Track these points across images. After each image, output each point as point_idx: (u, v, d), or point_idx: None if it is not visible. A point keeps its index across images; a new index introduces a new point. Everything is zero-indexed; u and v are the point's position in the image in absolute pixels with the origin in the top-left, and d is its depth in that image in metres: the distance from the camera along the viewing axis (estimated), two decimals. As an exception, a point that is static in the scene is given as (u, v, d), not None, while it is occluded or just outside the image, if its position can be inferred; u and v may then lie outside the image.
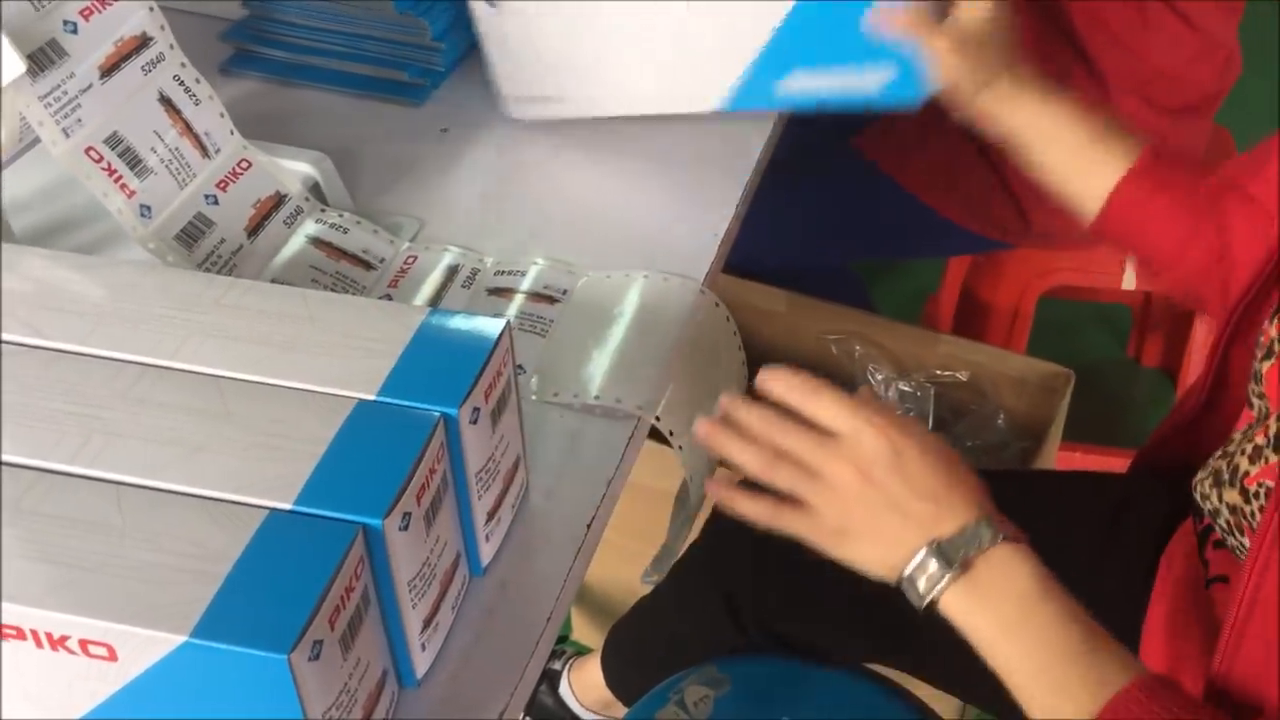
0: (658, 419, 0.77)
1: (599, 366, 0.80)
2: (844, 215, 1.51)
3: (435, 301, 0.85)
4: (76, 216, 0.90)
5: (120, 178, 0.79)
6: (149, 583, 0.52)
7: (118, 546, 0.53)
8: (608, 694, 1.30)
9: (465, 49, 1.13)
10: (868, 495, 0.67)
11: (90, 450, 0.58)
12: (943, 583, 0.65)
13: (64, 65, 0.76)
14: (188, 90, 0.84)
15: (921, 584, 0.66)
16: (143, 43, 0.81)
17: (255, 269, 0.84)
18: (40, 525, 0.54)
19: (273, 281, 0.83)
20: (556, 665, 1.39)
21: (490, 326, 0.64)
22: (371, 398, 0.60)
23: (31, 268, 0.68)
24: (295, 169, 0.92)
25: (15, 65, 0.71)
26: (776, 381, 0.70)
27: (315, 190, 0.92)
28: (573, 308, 0.85)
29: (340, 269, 0.86)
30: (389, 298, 0.85)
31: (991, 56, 0.86)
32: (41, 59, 0.75)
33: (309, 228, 0.88)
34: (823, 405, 0.69)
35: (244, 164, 0.87)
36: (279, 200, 0.88)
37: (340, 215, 0.90)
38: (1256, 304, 0.77)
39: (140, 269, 0.69)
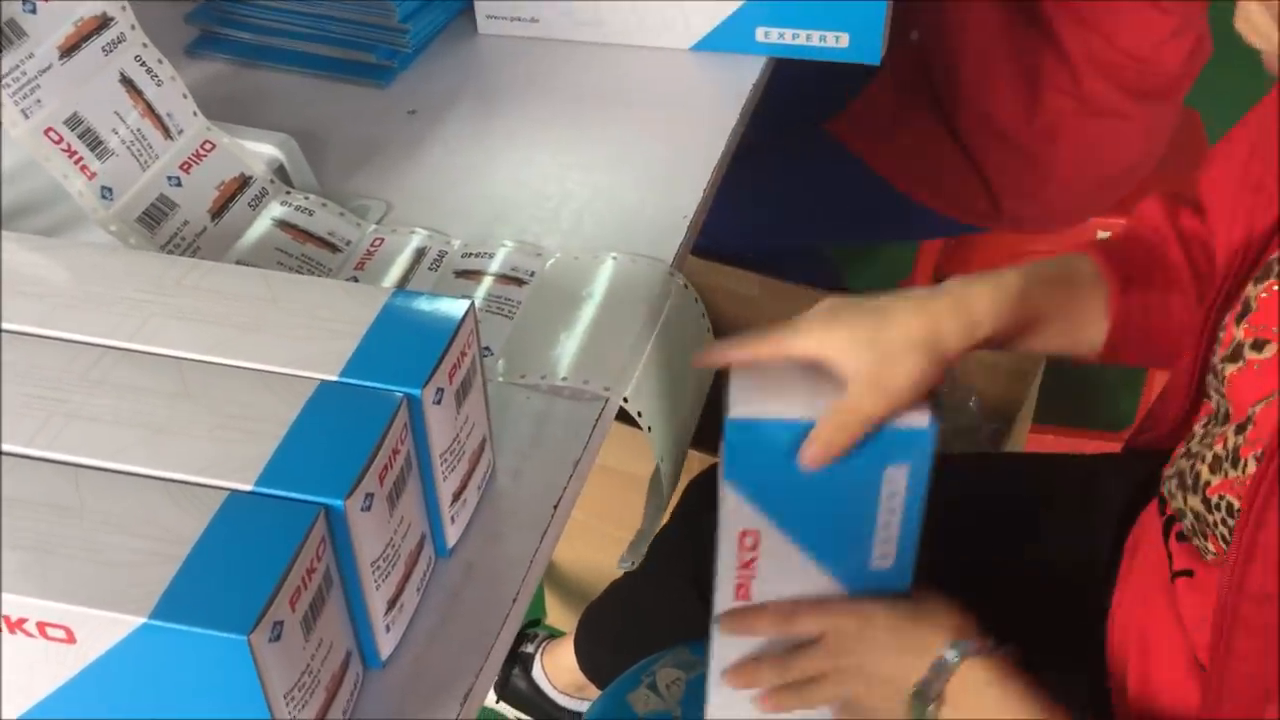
0: (626, 400, 0.77)
1: (567, 348, 0.79)
2: (817, 199, 1.51)
3: (402, 284, 0.84)
4: (37, 199, 0.89)
5: (80, 159, 0.78)
6: (108, 564, 0.51)
7: (76, 528, 0.53)
8: (581, 677, 1.30)
9: (433, 31, 1.12)
10: (864, 675, 0.73)
11: (49, 432, 0.57)
12: (926, 716, 0.72)
13: (23, 45, 0.75)
14: (149, 71, 0.83)
15: None
16: (103, 23, 0.80)
17: (219, 251, 0.84)
18: (-3, 508, 0.54)
19: (237, 264, 0.83)
20: (530, 648, 1.39)
21: (454, 307, 0.64)
22: (334, 378, 0.60)
23: (-10, 249, 0.67)
24: (260, 151, 0.91)
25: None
26: (751, 624, 0.76)
27: (280, 172, 0.92)
28: (540, 290, 0.84)
29: (306, 251, 0.86)
30: (355, 280, 0.85)
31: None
32: None
33: (274, 210, 0.88)
34: (798, 624, 0.74)
35: (207, 145, 0.86)
36: (243, 182, 0.87)
37: (306, 197, 0.89)
38: (1224, 305, 0.77)
39: (101, 251, 0.69)
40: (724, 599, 0.78)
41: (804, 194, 1.50)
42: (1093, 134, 1.35)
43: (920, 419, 0.68)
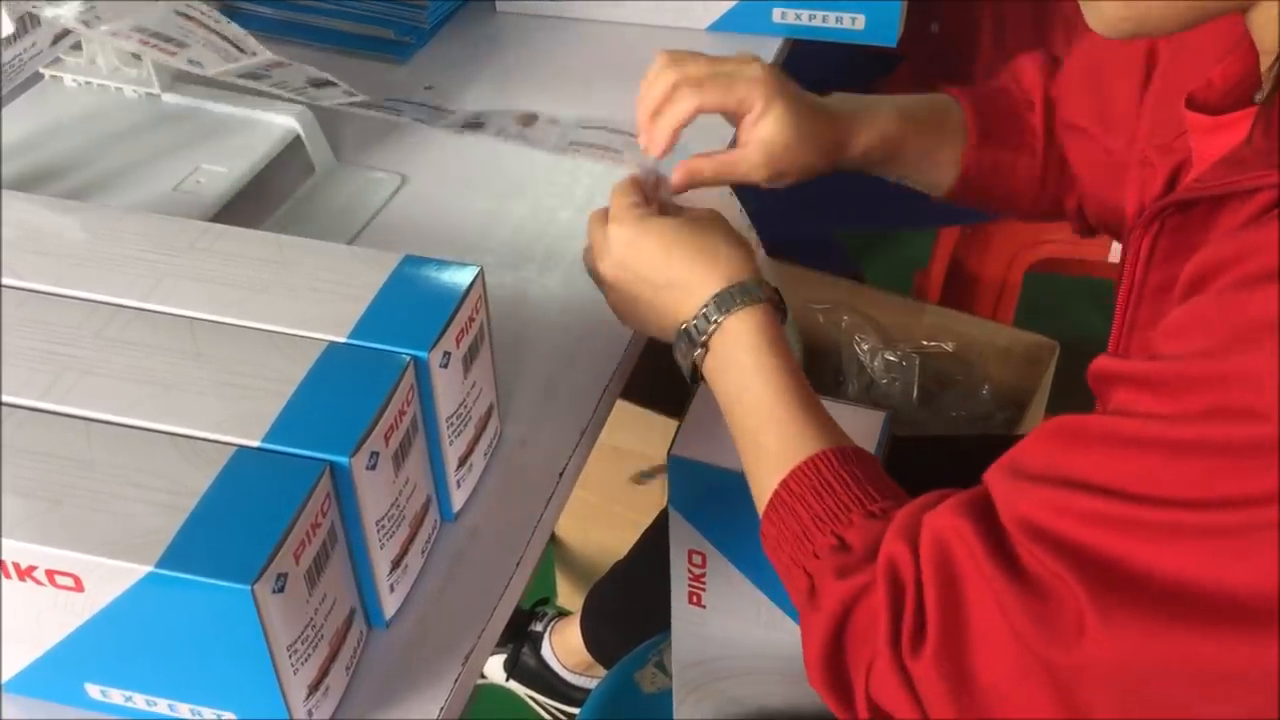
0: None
1: (576, 321, 0.80)
2: (834, 186, 1.50)
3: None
4: (59, 165, 0.90)
5: (157, 48, 0.78)
6: (116, 515, 0.52)
7: (86, 480, 0.54)
8: (590, 655, 1.31)
9: (451, 8, 1.13)
10: (620, 283, 0.72)
11: (62, 387, 0.58)
12: (692, 359, 0.69)
13: None
14: (206, 13, 0.83)
15: (683, 362, 0.70)
16: None
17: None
18: (10, 458, 0.55)
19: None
20: (539, 627, 1.40)
21: (463, 274, 0.65)
22: (342, 340, 0.61)
23: (10, 211, 0.68)
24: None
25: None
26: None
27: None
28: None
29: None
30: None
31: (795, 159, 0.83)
32: None
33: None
34: (611, 201, 0.73)
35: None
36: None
37: None
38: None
39: (118, 213, 0.70)
40: (678, 605, 0.80)
41: (821, 181, 1.50)
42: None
43: None
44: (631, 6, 1.10)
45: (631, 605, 1.19)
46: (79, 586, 0.52)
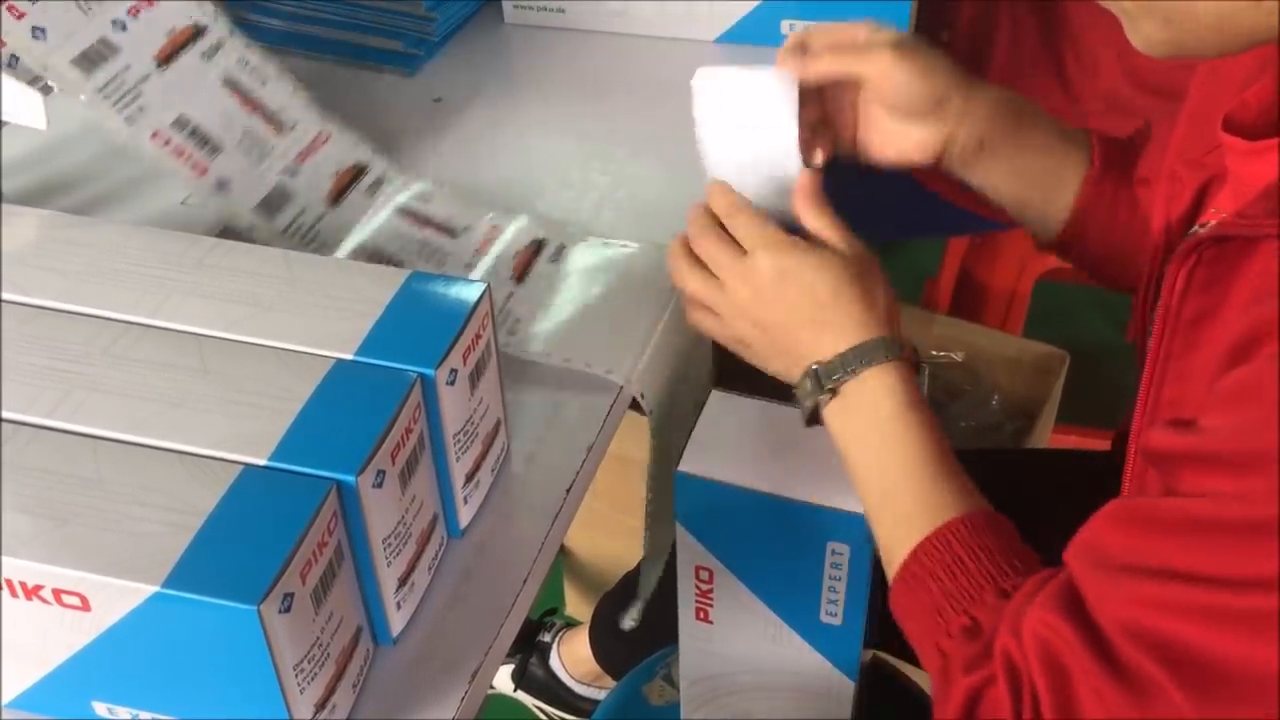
0: (627, 383, 0.77)
1: (580, 330, 0.80)
2: (842, 195, 1.50)
3: (524, 270, 0.83)
4: (68, 179, 0.90)
5: (190, 157, 0.79)
6: (123, 534, 0.52)
7: (93, 498, 0.54)
8: (598, 666, 1.31)
9: (460, 20, 1.13)
10: (757, 315, 0.71)
11: (69, 405, 0.58)
12: (817, 402, 0.69)
13: (117, 60, 0.77)
14: (254, 71, 0.84)
15: (804, 401, 0.69)
16: (196, 32, 0.81)
17: (338, 236, 0.84)
18: (17, 476, 0.55)
19: (358, 247, 0.82)
20: (547, 638, 1.40)
21: (470, 290, 0.65)
22: (349, 357, 0.61)
23: (18, 226, 0.68)
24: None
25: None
26: (712, 195, 0.74)
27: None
28: (562, 274, 0.85)
29: (424, 237, 0.85)
30: (473, 265, 0.84)
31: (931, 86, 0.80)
32: (93, 56, 0.76)
33: (392, 197, 0.88)
34: (737, 223, 0.72)
35: (323, 136, 0.87)
36: (358, 171, 0.88)
37: (424, 184, 0.89)
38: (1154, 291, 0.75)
39: (125, 229, 0.70)
40: (686, 621, 0.80)
41: (829, 190, 1.50)
42: (1118, 132, 1.35)
43: (859, 504, 0.70)
44: (641, 18, 1.10)
45: (640, 617, 1.18)
46: (85, 605, 0.52)
